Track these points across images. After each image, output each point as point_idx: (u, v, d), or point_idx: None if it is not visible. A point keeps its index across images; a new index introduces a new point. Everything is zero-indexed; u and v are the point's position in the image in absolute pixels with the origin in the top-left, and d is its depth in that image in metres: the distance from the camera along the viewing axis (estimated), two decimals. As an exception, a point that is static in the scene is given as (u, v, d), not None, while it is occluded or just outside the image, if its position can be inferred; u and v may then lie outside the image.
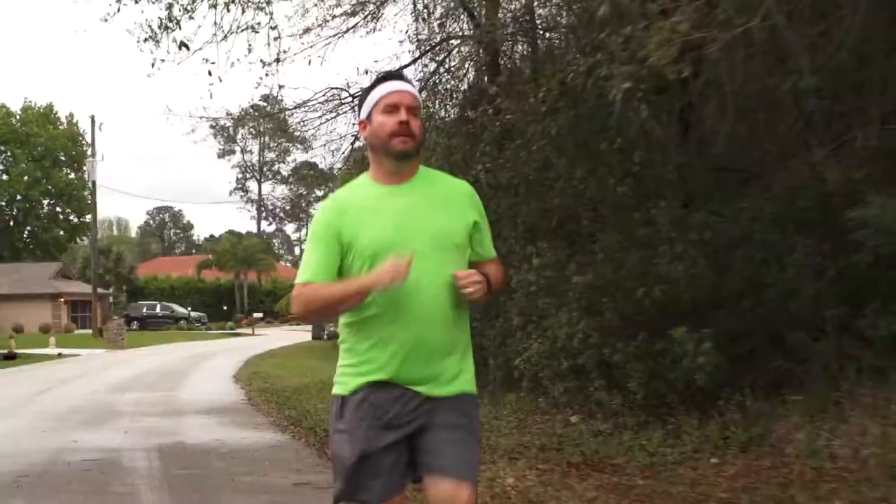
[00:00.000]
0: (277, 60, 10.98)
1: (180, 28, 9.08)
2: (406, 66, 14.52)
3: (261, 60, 11.30)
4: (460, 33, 14.79)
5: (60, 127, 72.56)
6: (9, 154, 70.89)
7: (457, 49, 14.64)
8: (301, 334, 44.77)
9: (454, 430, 3.20)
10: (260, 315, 64.19)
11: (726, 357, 8.28)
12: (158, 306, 63.87)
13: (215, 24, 10.12)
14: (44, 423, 11.72)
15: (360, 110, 3.40)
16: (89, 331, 49.92)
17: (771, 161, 9.28)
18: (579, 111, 8.57)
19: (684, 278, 8.42)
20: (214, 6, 8.86)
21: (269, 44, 10.75)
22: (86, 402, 14.55)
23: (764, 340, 8.53)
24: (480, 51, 14.03)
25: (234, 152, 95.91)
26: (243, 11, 9.51)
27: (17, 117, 71.28)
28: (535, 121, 8.74)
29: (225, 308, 70.99)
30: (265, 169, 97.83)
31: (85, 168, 57.69)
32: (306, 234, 3.37)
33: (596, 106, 7.58)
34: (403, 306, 3.15)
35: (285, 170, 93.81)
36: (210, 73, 9.90)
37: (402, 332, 3.17)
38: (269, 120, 19.21)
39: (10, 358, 28.01)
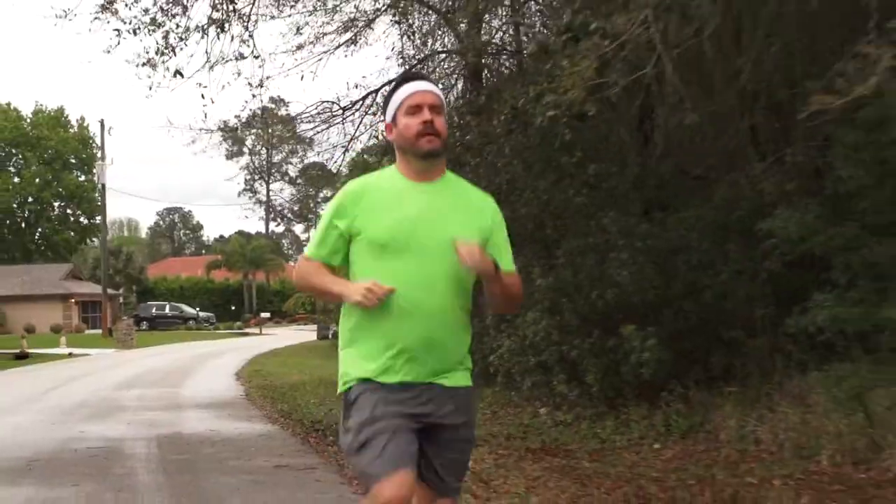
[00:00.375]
0: (261, 85, 11.84)
1: (175, 55, 9.94)
2: (392, 81, 15.38)
3: (248, 83, 12.15)
4: (445, 48, 15.59)
5: (71, 130, 73.52)
6: (20, 157, 71.89)
7: (442, 63, 15.46)
8: (307, 334, 45.57)
9: (454, 444, 3.33)
10: (267, 315, 65.01)
11: (672, 353, 9.12)
12: (168, 307, 64.74)
13: (206, 52, 11.08)
14: (53, 416, 12.61)
15: (384, 113, 3.46)
16: (100, 331, 50.87)
17: (718, 173, 10.10)
18: (530, 131, 9.39)
19: (632, 282, 9.26)
20: (205, 35, 9.68)
21: (253, 73, 11.61)
22: (93, 397, 15.44)
23: (706, 338, 9.35)
24: (464, 65, 14.85)
25: (242, 154, 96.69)
26: (232, 39, 10.35)
27: (29, 121, 72.29)
28: (491, 141, 9.58)
29: (233, 308, 71.78)
30: (273, 170, 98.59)
31: (95, 171, 58.58)
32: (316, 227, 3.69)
33: (549, 126, 8.40)
34: (412, 305, 3.20)
35: (293, 171, 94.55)
36: (203, 97, 10.77)
37: (410, 331, 3.20)
38: (275, 123, 20.06)
39: (22, 357, 28.90)
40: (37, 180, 70.70)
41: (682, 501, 6.41)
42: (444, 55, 15.28)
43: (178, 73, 10.32)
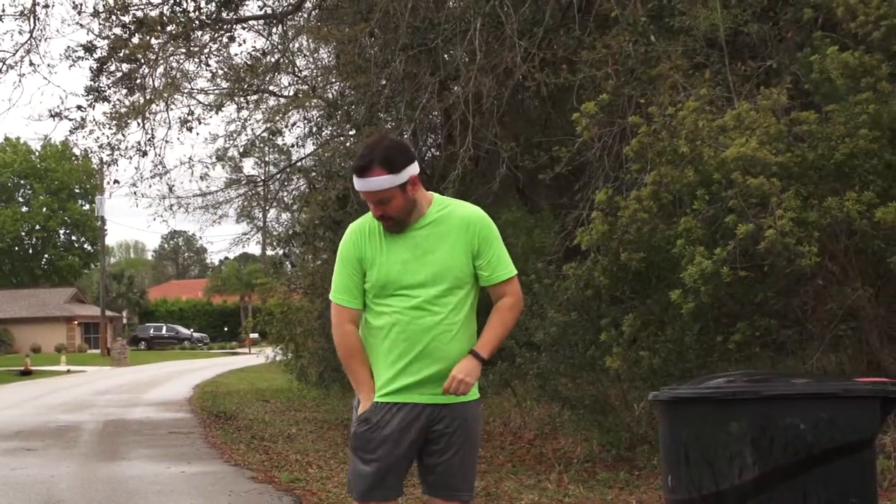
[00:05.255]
0: (170, 188, 16.46)
1: (118, 166, 14.61)
2: (305, 158, 20.16)
3: (167, 184, 16.90)
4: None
5: (76, 162, 78.18)
6: (29, 188, 76.65)
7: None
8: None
9: (449, 448, 3.69)
10: (256, 335, 69.10)
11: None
12: (164, 328, 68.79)
13: (136, 168, 15.88)
14: (40, 410, 17.47)
15: None
16: (100, 351, 55.57)
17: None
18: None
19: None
20: (129, 158, 14.39)
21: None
22: (73, 400, 20.29)
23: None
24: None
25: (239, 181, 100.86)
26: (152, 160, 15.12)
27: (37, 154, 77.03)
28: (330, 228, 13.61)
29: (225, 329, 75.58)
30: (269, 197, 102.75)
31: (95, 204, 63.36)
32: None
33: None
34: (411, 333, 3.62)
35: (288, 198, 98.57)
36: (135, 194, 15.59)
37: (410, 354, 3.63)
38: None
39: (26, 374, 33.48)
40: (44, 209, 75.04)
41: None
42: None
43: (116, 181, 15.19)
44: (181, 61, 14.00)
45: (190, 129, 13.91)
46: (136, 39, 12.68)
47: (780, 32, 9.01)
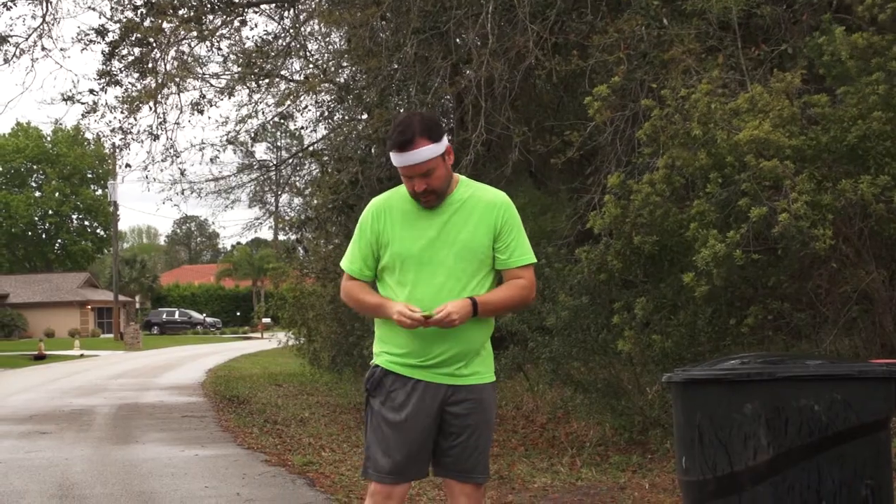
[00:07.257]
0: (182, 173, 16.53)
1: (129, 150, 14.70)
2: (317, 142, 20.16)
3: (179, 169, 16.88)
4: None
5: (88, 147, 78.33)
6: (41, 173, 76.91)
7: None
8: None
9: (464, 431, 3.71)
10: (268, 320, 69.44)
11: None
12: (177, 312, 69.04)
13: (147, 152, 16.11)
14: (53, 394, 17.56)
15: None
16: (113, 335, 55.85)
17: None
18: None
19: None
20: (143, 141, 14.51)
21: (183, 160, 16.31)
22: (86, 384, 20.38)
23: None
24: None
25: (252, 166, 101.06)
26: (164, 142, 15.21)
27: (48, 139, 77.26)
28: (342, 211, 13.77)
29: (238, 314, 75.87)
30: (282, 182, 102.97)
31: (108, 189, 63.58)
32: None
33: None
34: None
35: (300, 183, 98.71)
36: (146, 178, 15.70)
37: (429, 333, 3.63)
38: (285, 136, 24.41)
39: (40, 358, 33.67)
40: (56, 195, 75.28)
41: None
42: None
43: (128, 165, 15.28)
44: (193, 45, 14.05)
45: (201, 112, 13.94)
46: (147, 23, 12.69)
47: (794, 15, 8.96)
